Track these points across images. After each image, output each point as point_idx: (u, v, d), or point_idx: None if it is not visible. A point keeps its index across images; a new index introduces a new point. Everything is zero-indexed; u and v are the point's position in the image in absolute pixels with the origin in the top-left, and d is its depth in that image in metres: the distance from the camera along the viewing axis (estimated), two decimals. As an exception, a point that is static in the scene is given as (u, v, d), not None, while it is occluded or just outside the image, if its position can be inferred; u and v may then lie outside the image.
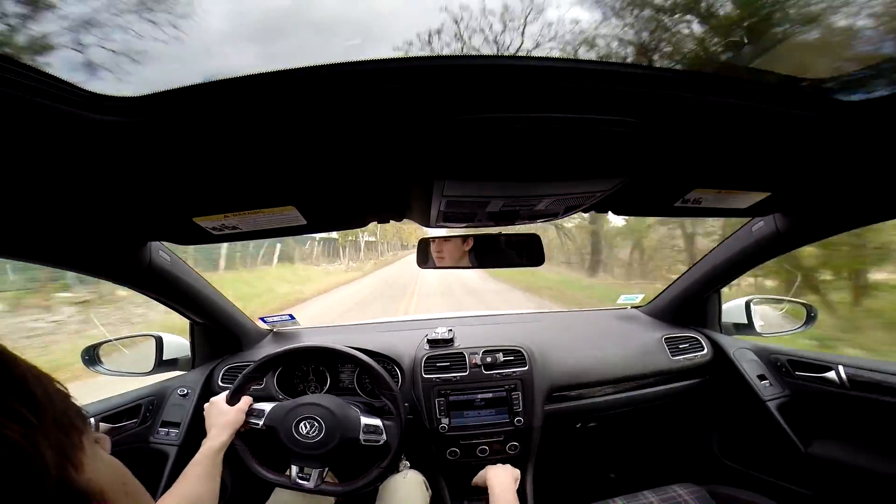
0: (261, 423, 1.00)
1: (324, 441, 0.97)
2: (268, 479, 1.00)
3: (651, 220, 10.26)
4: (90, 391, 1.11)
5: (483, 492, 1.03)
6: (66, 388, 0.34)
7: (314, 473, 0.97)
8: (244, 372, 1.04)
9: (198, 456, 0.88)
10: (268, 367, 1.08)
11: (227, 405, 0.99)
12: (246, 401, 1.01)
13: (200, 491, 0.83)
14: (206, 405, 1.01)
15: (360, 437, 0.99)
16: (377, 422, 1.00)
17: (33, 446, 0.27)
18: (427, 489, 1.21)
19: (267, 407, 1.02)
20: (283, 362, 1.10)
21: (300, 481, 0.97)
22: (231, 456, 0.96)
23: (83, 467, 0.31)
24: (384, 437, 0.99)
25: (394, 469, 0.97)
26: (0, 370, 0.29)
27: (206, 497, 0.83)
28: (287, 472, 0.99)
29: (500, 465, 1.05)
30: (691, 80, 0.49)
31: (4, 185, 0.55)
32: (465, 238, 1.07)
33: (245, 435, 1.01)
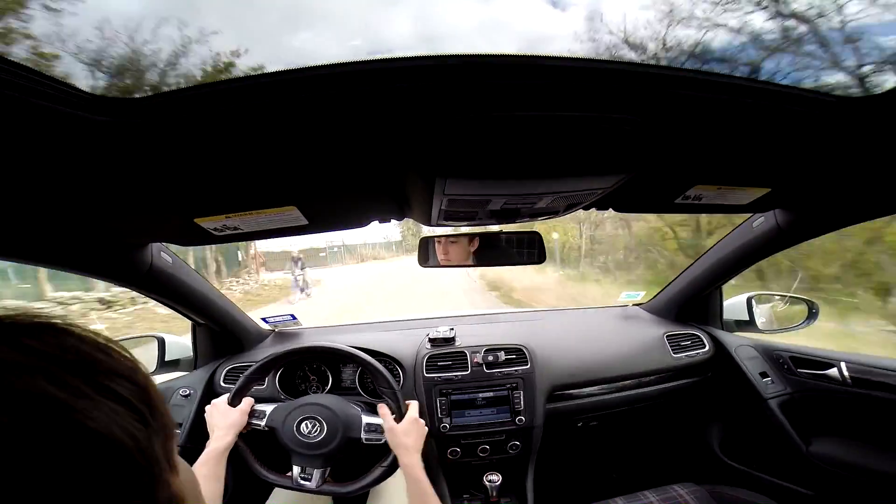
0: (262, 423, 1.00)
1: (326, 440, 0.97)
2: (270, 481, 1.00)
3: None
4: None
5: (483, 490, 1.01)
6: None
7: (316, 473, 0.97)
8: (245, 373, 1.04)
9: (203, 457, 0.88)
10: (269, 368, 1.08)
11: (228, 407, 0.99)
12: (248, 402, 1.02)
13: (206, 492, 0.83)
14: (207, 407, 1.01)
15: (362, 437, 0.99)
16: (379, 421, 1.00)
17: (151, 447, 0.26)
18: None
19: (268, 408, 1.02)
20: (284, 362, 1.10)
21: (302, 482, 0.97)
22: (232, 456, 0.96)
23: (178, 472, 0.30)
24: (386, 436, 0.99)
25: (395, 468, 0.97)
26: (126, 370, 0.28)
27: (211, 499, 0.84)
28: (289, 473, 0.99)
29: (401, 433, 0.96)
30: (691, 79, 0.49)
31: (4, 187, 0.55)
32: (469, 237, 1.07)
33: (247, 436, 1.01)
